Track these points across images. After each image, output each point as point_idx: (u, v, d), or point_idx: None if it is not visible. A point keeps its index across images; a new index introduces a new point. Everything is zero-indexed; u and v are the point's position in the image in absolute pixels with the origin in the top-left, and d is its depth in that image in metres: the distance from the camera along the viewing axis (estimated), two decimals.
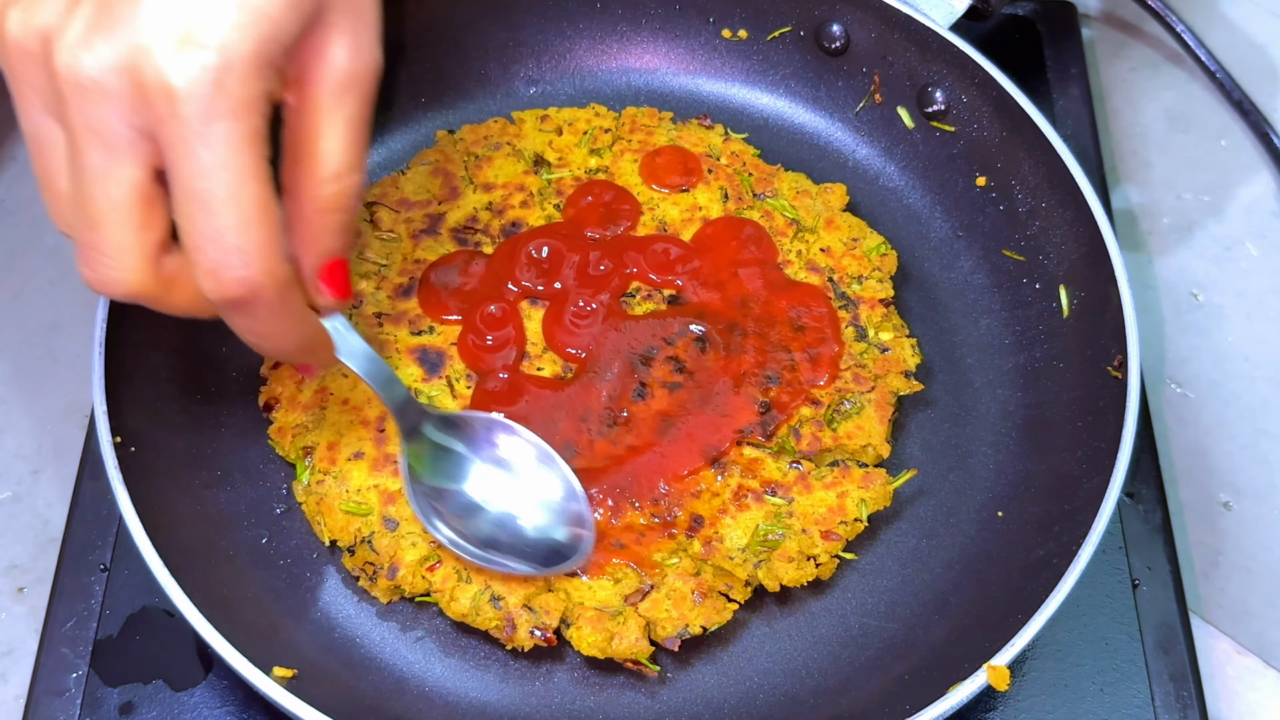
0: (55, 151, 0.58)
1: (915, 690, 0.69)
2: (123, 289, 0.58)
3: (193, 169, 0.54)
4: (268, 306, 0.58)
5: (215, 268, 0.56)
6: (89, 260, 0.57)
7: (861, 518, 0.78)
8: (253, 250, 0.56)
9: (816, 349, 0.83)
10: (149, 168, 0.56)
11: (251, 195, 0.55)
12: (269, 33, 0.55)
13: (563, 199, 0.90)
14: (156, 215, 0.57)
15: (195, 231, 0.55)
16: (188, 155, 0.54)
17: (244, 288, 0.57)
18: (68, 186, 0.57)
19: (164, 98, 0.53)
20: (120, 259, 0.57)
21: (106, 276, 0.57)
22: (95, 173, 0.55)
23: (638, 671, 0.75)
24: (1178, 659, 0.78)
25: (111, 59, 0.54)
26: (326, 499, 0.77)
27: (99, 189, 0.56)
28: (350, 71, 0.60)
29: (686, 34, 0.98)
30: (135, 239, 0.57)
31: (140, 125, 0.54)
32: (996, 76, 0.87)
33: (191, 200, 0.55)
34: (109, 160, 0.55)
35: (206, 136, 0.54)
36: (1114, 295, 0.79)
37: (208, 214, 0.55)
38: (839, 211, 0.90)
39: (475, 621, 0.74)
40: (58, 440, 0.88)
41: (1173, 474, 0.88)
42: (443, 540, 0.74)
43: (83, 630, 0.76)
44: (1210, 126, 1.06)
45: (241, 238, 0.55)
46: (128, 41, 0.54)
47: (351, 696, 0.72)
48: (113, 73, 0.54)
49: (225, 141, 0.54)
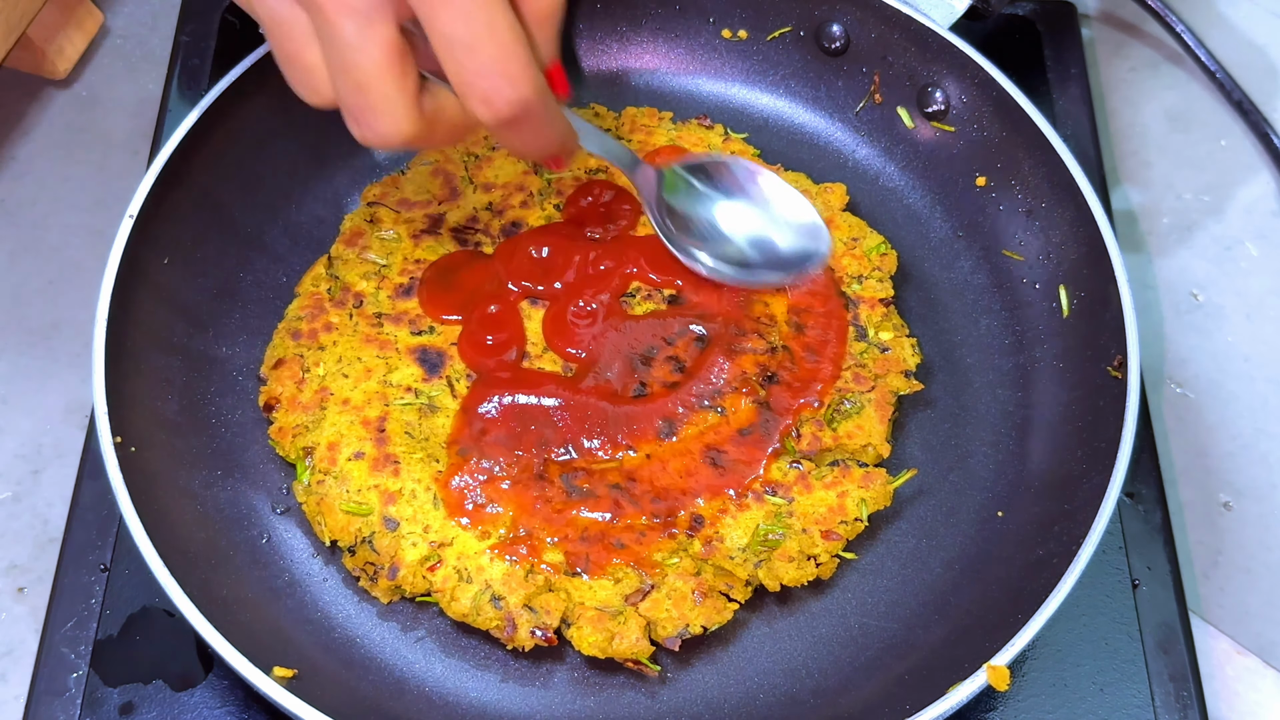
0: (300, 31, 0.62)
1: (915, 690, 0.69)
2: (399, 137, 0.63)
3: (451, 14, 0.59)
4: (538, 114, 0.64)
5: (489, 95, 0.61)
6: (361, 119, 0.63)
7: (862, 517, 0.78)
8: (519, 73, 0.61)
9: (817, 348, 0.83)
10: (397, 24, 0.60)
11: (507, 24, 0.60)
12: None
13: (563, 199, 0.90)
14: (410, 64, 0.62)
15: (464, 69, 0.61)
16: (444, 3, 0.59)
17: (517, 107, 0.62)
18: (318, 61, 0.62)
19: None
20: (392, 110, 0.62)
21: (383, 129, 0.63)
22: (354, 39, 0.60)
23: (638, 671, 0.75)
24: (1178, 659, 0.78)
25: None
26: (327, 499, 0.77)
27: (360, 54, 0.60)
28: None
29: (686, 34, 0.98)
30: (400, 90, 0.62)
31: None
32: (997, 77, 0.87)
33: (454, 44, 0.60)
34: (365, 25, 0.59)
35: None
36: (1114, 295, 0.79)
37: (472, 52, 0.60)
38: (839, 211, 0.90)
39: (476, 621, 0.74)
40: (58, 440, 0.88)
41: (1173, 474, 0.88)
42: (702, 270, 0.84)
43: (83, 630, 0.76)
44: (1210, 126, 1.06)
45: (507, 64, 0.61)
46: None
47: (352, 696, 0.72)
48: None
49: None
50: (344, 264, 0.86)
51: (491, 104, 0.62)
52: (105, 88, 1.04)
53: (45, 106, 1.03)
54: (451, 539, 0.76)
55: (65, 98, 1.03)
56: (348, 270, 0.86)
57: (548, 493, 0.77)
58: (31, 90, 1.03)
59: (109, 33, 1.06)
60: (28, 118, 1.02)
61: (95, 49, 1.05)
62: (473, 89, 0.62)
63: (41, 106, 1.03)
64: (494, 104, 0.62)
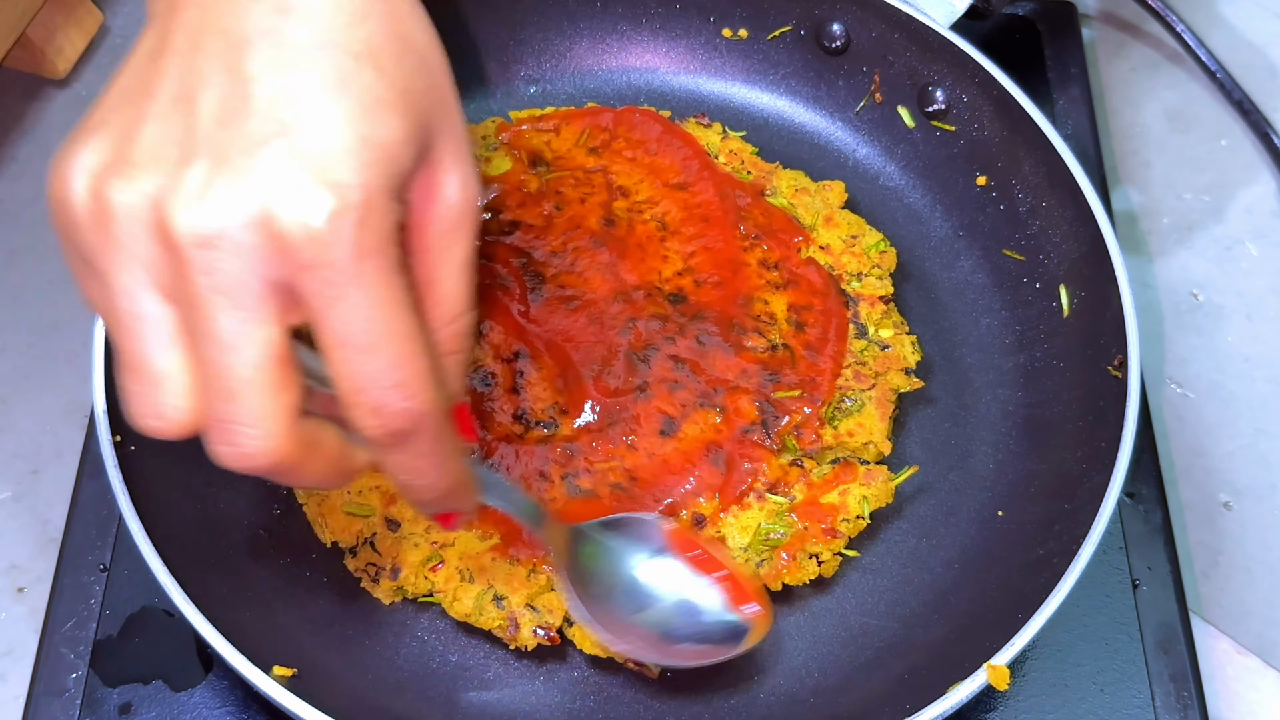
0: (157, 331, 0.52)
1: (915, 689, 0.69)
2: (268, 459, 0.53)
3: (346, 313, 0.51)
4: (431, 436, 0.55)
5: (379, 405, 0.53)
6: (224, 434, 0.52)
7: (864, 514, 0.78)
8: (414, 382, 0.53)
9: (817, 346, 0.83)
10: (285, 324, 0.52)
11: (407, 327, 0.52)
12: (395, 167, 0.52)
13: (561, 198, 0.90)
14: (293, 375, 0.53)
15: (354, 374, 0.52)
16: (339, 299, 0.50)
17: (409, 419, 0.53)
18: (175, 369, 0.52)
19: (308, 242, 0.49)
20: (262, 428, 0.52)
21: (250, 446, 0.52)
22: (228, 338, 0.51)
23: (640, 671, 0.75)
24: (1178, 659, 0.77)
25: (241, 210, 0.49)
26: (328, 500, 0.77)
27: (234, 356, 0.51)
28: (462, 207, 0.57)
29: (686, 33, 0.98)
30: (276, 404, 0.52)
31: (276, 278, 0.50)
32: (997, 76, 0.87)
33: (347, 345, 0.51)
34: (243, 322, 0.51)
35: (359, 276, 0.50)
36: (1114, 295, 0.79)
37: (366, 355, 0.51)
38: (838, 209, 0.90)
39: (478, 621, 0.74)
40: (58, 440, 0.88)
41: (1173, 474, 0.88)
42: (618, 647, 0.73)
43: (82, 630, 0.76)
44: (1210, 126, 1.06)
45: (403, 371, 0.52)
46: (256, 189, 0.49)
47: (352, 696, 0.72)
48: (243, 225, 0.49)
49: (377, 278, 0.51)
50: None
51: (380, 415, 0.53)
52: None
53: (45, 106, 1.03)
54: (453, 539, 0.76)
55: (65, 97, 1.03)
56: None
57: (549, 492, 0.77)
58: (31, 90, 1.03)
59: (109, 32, 1.06)
60: (27, 118, 1.02)
61: (95, 49, 1.05)
62: (362, 395, 0.52)
63: (41, 106, 1.03)
64: (382, 415, 0.53)
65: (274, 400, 0.52)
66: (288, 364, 0.52)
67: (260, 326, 0.51)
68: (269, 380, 0.51)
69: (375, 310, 0.51)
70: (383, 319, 0.51)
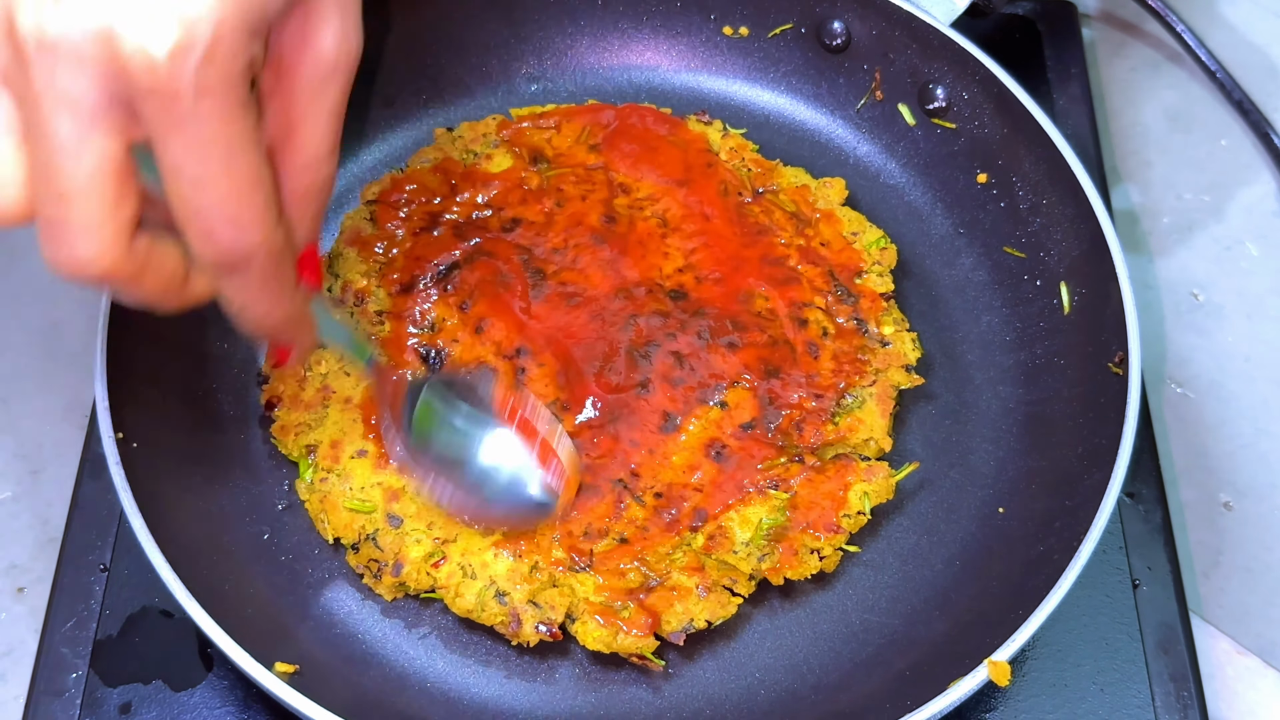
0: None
1: (916, 686, 0.69)
2: (94, 269, 0.53)
3: (182, 144, 0.51)
4: (263, 271, 0.55)
5: (208, 232, 0.53)
6: (55, 237, 0.52)
7: (865, 510, 0.78)
8: (246, 217, 0.53)
9: (818, 342, 0.83)
10: (125, 139, 0.52)
11: (246, 166, 0.52)
12: (256, 7, 0.51)
13: (562, 195, 0.90)
14: (130, 190, 0.53)
15: (187, 204, 0.52)
16: (176, 130, 0.50)
17: (238, 252, 0.54)
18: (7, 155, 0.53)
19: (146, 70, 0.49)
20: (93, 235, 0.52)
21: (77, 255, 0.52)
22: (64, 141, 0.50)
23: (643, 666, 0.75)
24: (1178, 659, 0.77)
25: (86, 21, 0.49)
26: (330, 497, 0.77)
27: (69, 160, 0.51)
28: (336, 58, 0.57)
29: (687, 31, 0.98)
30: (109, 214, 0.52)
31: (117, 94, 0.50)
32: (998, 73, 0.87)
33: (181, 175, 0.52)
34: (81, 128, 0.50)
35: (196, 112, 0.50)
36: (1114, 292, 0.79)
37: (200, 188, 0.52)
38: (838, 206, 0.90)
39: (480, 617, 0.74)
40: (58, 440, 0.88)
41: (1173, 474, 0.88)
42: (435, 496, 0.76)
43: (83, 630, 0.76)
44: (1210, 126, 1.06)
45: (233, 207, 0.53)
46: (105, 4, 0.49)
47: (354, 692, 0.72)
48: (85, 37, 0.49)
49: (215, 115, 0.51)
50: (344, 262, 0.86)
51: (210, 241, 0.53)
52: None
53: None
54: (455, 535, 0.76)
55: None
56: (348, 268, 0.86)
57: None
58: None
59: None
60: None
61: None
62: (192, 223, 0.53)
63: None
64: (213, 242, 0.53)
65: (107, 211, 0.52)
66: (125, 177, 0.52)
67: (97, 137, 0.51)
68: (103, 190, 0.51)
69: (210, 147, 0.51)
70: (218, 155, 0.51)
